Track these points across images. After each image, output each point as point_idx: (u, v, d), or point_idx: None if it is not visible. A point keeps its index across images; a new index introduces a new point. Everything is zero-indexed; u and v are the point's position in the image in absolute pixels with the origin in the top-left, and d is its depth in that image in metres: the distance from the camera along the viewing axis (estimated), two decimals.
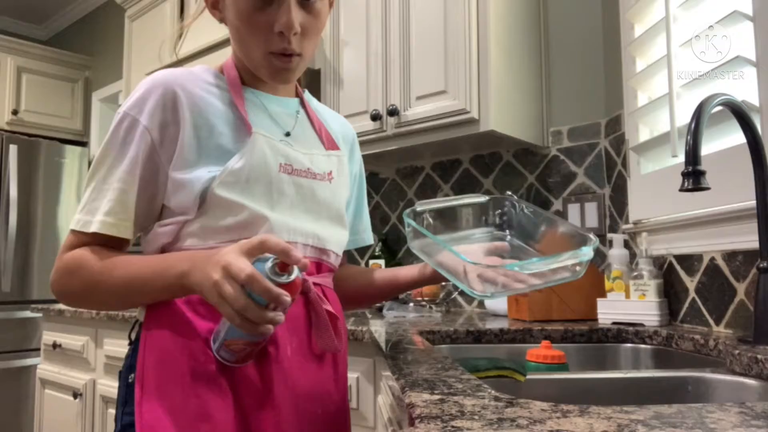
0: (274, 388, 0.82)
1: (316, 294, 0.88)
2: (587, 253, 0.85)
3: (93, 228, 0.83)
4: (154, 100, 0.84)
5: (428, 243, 0.85)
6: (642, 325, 1.34)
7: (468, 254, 0.87)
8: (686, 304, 1.34)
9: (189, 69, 0.90)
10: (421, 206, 0.91)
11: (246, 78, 0.93)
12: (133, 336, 0.90)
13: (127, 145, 0.84)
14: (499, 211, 1.03)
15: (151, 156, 0.84)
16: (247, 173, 0.83)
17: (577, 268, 0.85)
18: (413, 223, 0.85)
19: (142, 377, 0.82)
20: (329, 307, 0.88)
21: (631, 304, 1.38)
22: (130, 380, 0.84)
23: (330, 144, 0.99)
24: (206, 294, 0.72)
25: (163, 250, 0.87)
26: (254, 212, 0.83)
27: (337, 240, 0.95)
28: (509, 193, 1.07)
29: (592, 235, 0.91)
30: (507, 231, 1.04)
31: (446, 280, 0.97)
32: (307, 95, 1.03)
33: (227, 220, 0.83)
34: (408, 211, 0.96)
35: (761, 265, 1.02)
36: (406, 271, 1.05)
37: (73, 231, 0.86)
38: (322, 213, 0.92)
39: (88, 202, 0.85)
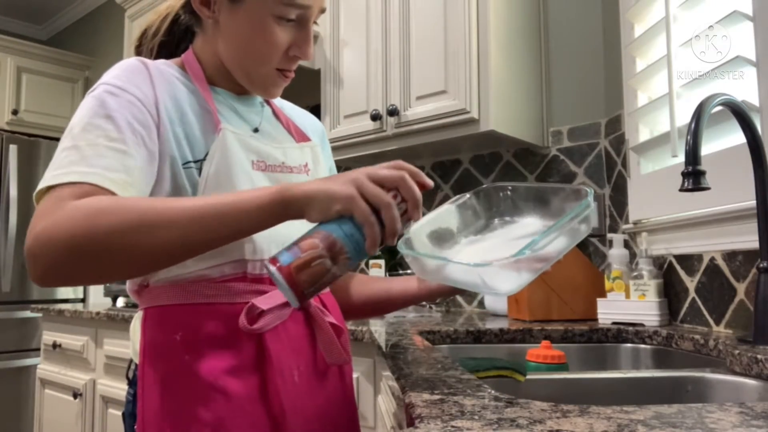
0: (285, 422, 0.78)
1: (316, 308, 0.83)
2: (586, 205, 0.80)
3: (90, 179, 0.66)
4: (138, 76, 0.77)
5: (431, 264, 0.81)
6: (642, 325, 1.34)
7: (472, 258, 0.81)
8: (686, 304, 1.34)
9: (150, 60, 0.83)
10: (410, 233, 0.87)
11: (210, 75, 0.87)
12: (130, 375, 0.87)
13: (118, 113, 0.73)
14: (486, 203, 0.97)
15: (149, 127, 0.75)
16: (224, 176, 0.77)
17: (583, 227, 0.77)
18: (409, 252, 0.79)
19: (143, 427, 0.77)
20: (332, 319, 0.84)
21: (631, 304, 1.38)
22: (135, 429, 0.80)
23: (300, 136, 0.94)
24: (323, 200, 0.62)
25: (147, 287, 0.80)
26: None
27: None
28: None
29: (583, 187, 0.87)
30: (497, 219, 0.96)
31: (458, 291, 0.93)
32: None
33: None
34: (400, 242, 0.87)
35: (761, 265, 1.02)
36: (400, 285, 0.97)
37: (50, 188, 0.67)
38: None
39: (66, 162, 0.68)
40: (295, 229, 0.71)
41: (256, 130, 0.88)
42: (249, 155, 0.81)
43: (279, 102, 0.99)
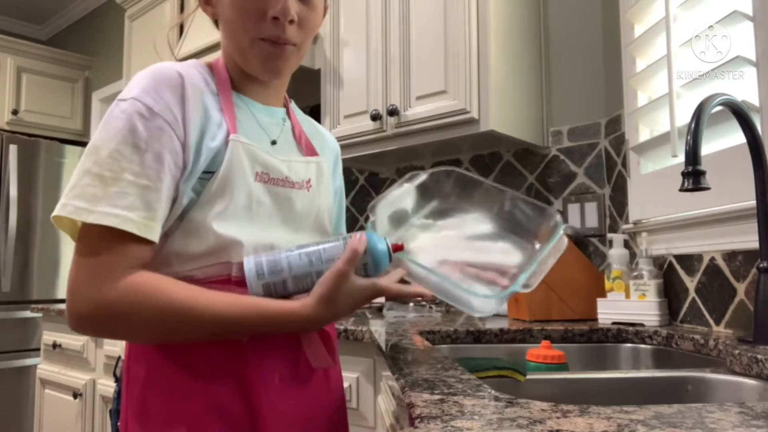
0: (265, 424, 0.79)
1: None
2: (559, 234, 0.83)
3: (112, 222, 0.70)
4: (167, 90, 0.77)
5: (421, 272, 0.80)
6: (642, 325, 1.34)
7: (431, 254, 0.83)
8: (686, 304, 1.34)
9: (183, 63, 0.85)
10: (375, 215, 0.84)
11: (237, 81, 0.88)
12: (117, 372, 0.89)
13: (147, 137, 0.74)
14: (442, 187, 0.94)
15: (177, 154, 0.76)
16: (226, 186, 0.79)
17: (552, 258, 0.81)
18: (412, 263, 0.80)
19: (125, 424, 0.80)
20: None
21: (631, 304, 1.38)
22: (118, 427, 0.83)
23: (309, 150, 0.95)
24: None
25: None
26: (226, 237, 0.78)
27: None
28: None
29: (550, 208, 0.87)
30: (448, 206, 0.93)
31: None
32: (294, 105, 1.00)
33: (202, 246, 0.78)
34: (368, 224, 0.86)
35: (761, 265, 1.02)
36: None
37: (81, 232, 0.73)
38: (301, 223, 0.89)
39: (90, 194, 0.71)
40: (279, 235, 0.83)
41: (274, 143, 0.89)
42: (254, 166, 0.82)
43: (301, 116, 1.00)
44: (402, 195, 0.87)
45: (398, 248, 0.80)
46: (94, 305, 0.71)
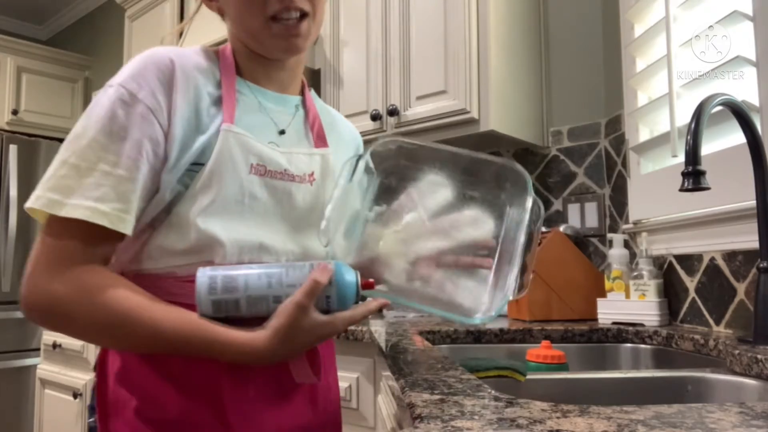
0: None
1: None
2: (530, 205, 0.72)
3: (82, 214, 0.68)
4: (154, 75, 0.73)
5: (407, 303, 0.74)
6: (642, 325, 1.34)
7: (403, 252, 0.76)
8: (686, 304, 1.34)
9: (184, 49, 0.80)
10: (330, 242, 0.75)
11: (245, 68, 0.83)
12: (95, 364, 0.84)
13: (127, 124, 0.71)
14: (382, 163, 0.83)
15: (158, 143, 0.73)
16: (215, 179, 0.74)
17: (534, 226, 0.72)
18: (400, 302, 0.74)
19: (101, 417, 0.77)
20: None
21: (631, 304, 1.38)
22: (91, 423, 0.80)
23: (319, 141, 0.88)
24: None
25: (122, 275, 0.76)
26: (208, 234, 0.73)
27: (321, 250, 0.81)
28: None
29: (513, 165, 0.75)
30: (395, 180, 0.82)
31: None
32: (314, 95, 0.94)
33: (185, 242, 0.74)
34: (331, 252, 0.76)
35: (761, 265, 1.02)
36: None
37: (50, 217, 0.70)
38: (303, 220, 0.82)
39: (63, 185, 0.69)
40: (276, 233, 0.79)
41: (282, 132, 0.83)
42: (249, 158, 0.77)
43: (320, 105, 0.94)
44: (347, 202, 0.78)
45: (368, 285, 0.72)
46: (43, 296, 0.69)
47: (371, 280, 0.73)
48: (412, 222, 0.77)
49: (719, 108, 1.01)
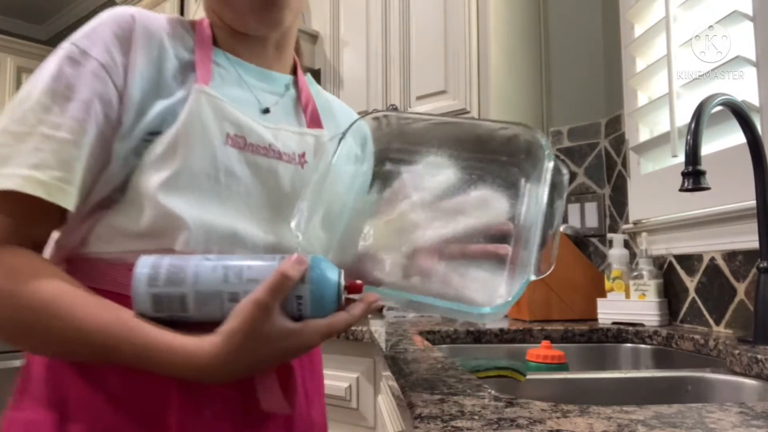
0: None
1: None
2: (548, 163, 0.59)
3: (15, 184, 0.56)
4: (110, 31, 0.64)
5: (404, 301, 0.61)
6: (642, 325, 1.34)
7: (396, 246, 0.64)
8: (686, 304, 1.34)
9: (151, 12, 0.70)
10: (302, 235, 0.61)
11: (224, 41, 0.72)
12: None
13: (74, 83, 0.61)
14: (369, 142, 0.71)
15: (110, 105, 0.62)
16: (180, 148, 0.62)
17: (558, 202, 0.60)
18: (390, 294, 0.60)
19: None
20: None
21: (631, 304, 1.38)
22: None
23: (313, 123, 0.76)
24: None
25: (67, 260, 0.65)
26: (170, 212, 0.61)
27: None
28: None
29: (529, 129, 0.63)
30: (389, 164, 0.71)
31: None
32: (310, 78, 0.82)
33: (142, 221, 0.61)
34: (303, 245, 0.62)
35: (761, 265, 1.02)
36: None
37: None
38: (293, 206, 0.67)
39: (1, 153, 0.58)
40: (238, 221, 0.65)
41: (266, 111, 0.72)
42: (224, 126, 0.65)
43: (316, 90, 0.83)
44: (327, 186, 0.66)
45: (355, 289, 0.58)
46: None
47: (359, 281, 0.58)
48: (408, 209, 0.66)
49: (719, 108, 1.01)
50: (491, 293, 0.58)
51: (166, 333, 0.55)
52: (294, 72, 0.80)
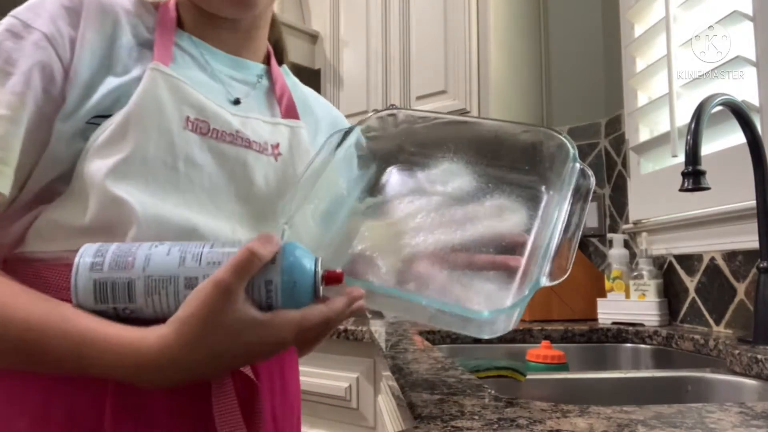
0: None
1: None
2: (571, 166, 0.55)
3: None
4: (58, 3, 0.58)
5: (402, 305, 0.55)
6: (642, 325, 1.34)
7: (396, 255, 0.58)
8: (686, 304, 1.34)
9: None
10: (292, 225, 0.55)
11: (189, 25, 0.66)
12: None
13: (14, 57, 0.55)
14: (377, 143, 0.65)
15: (53, 78, 0.56)
16: (126, 128, 0.55)
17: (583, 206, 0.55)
18: (385, 291, 0.54)
19: None
20: (248, 372, 0.53)
21: (631, 304, 1.38)
22: None
23: (288, 112, 0.69)
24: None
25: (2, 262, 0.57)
26: (118, 200, 0.53)
27: None
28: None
29: (560, 137, 0.57)
30: (396, 168, 0.65)
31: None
32: (285, 70, 0.76)
33: (86, 214, 0.54)
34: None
35: (761, 265, 1.02)
36: None
37: None
38: (264, 204, 0.62)
39: None
40: (200, 216, 0.58)
41: (236, 102, 0.65)
42: (182, 108, 0.58)
43: (293, 82, 0.77)
44: (328, 179, 0.60)
45: (334, 278, 0.50)
46: None
47: (339, 270, 0.50)
48: (413, 213, 0.61)
49: (719, 108, 1.01)
50: (496, 308, 0.52)
51: (103, 323, 0.47)
52: (267, 62, 0.74)
